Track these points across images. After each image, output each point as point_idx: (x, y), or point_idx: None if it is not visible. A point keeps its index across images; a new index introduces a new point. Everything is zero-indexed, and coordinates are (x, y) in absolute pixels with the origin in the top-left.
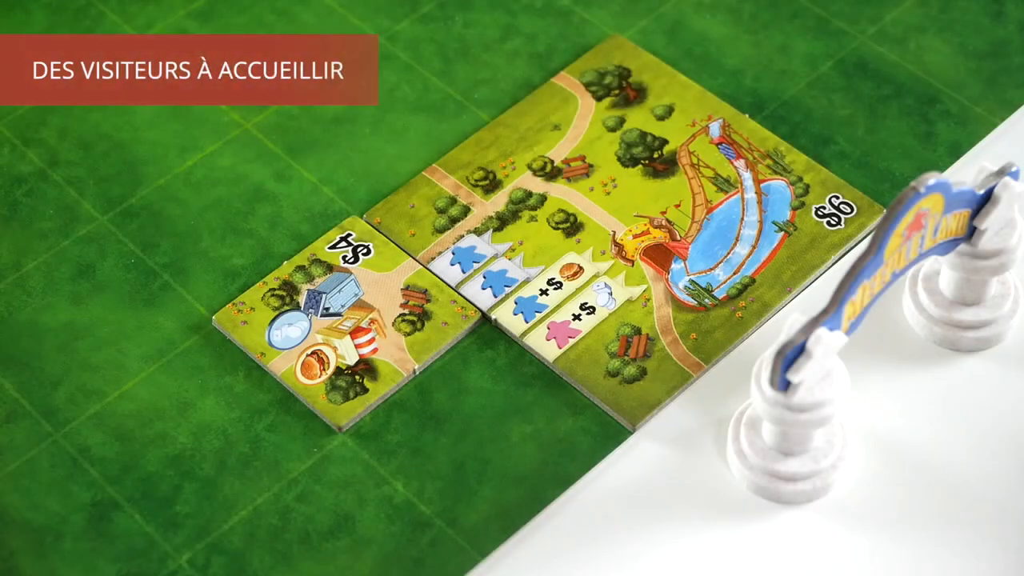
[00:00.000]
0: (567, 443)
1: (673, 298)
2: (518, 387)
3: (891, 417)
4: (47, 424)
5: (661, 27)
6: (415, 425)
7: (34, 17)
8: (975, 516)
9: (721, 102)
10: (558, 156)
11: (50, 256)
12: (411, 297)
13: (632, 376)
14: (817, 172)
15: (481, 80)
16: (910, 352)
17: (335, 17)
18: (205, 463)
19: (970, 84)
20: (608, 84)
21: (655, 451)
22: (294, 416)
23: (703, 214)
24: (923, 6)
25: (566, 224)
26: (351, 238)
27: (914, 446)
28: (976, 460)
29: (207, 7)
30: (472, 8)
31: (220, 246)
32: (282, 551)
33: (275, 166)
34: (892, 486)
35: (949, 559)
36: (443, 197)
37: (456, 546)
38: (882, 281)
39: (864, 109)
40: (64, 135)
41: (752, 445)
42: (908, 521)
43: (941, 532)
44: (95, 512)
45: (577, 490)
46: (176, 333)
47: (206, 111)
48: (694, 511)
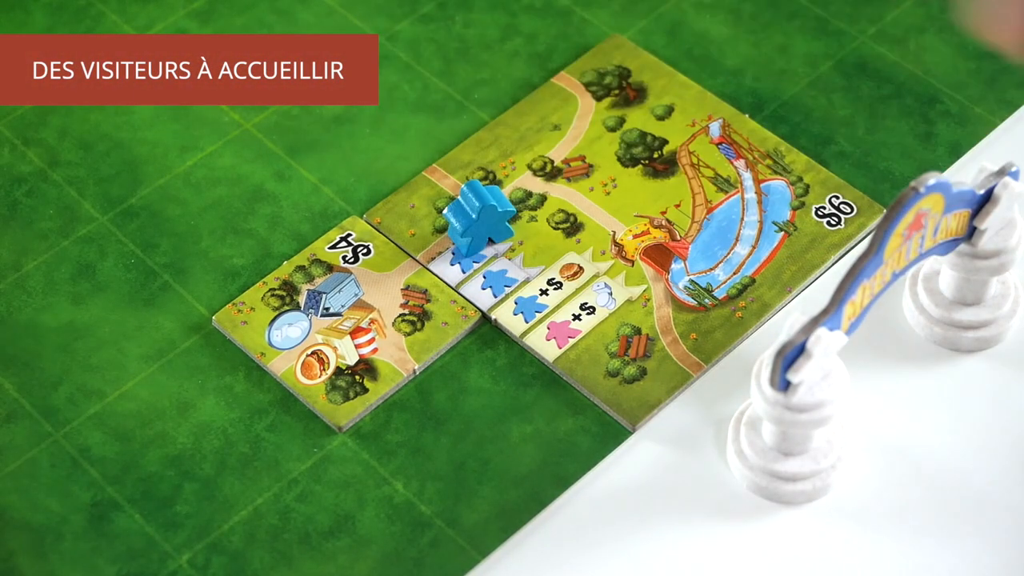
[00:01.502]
0: (567, 443)
1: (673, 298)
2: (518, 387)
3: (891, 417)
4: (47, 424)
5: (661, 27)
6: (415, 425)
7: (34, 17)
8: (975, 516)
9: (721, 102)
10: (558, 156)
11: (50, 256)
12: (411, 297)
13: (632, 376)
14: (817, 172)
15: (481, 80)
16: (910, 352)
17: (335, 17)
18: (205, 463)
19: (970, 84)
20: (608, 84)
21: (655, 451)
22: (294, 416)
23: (703, 214)
24: (923, 6)
25: (566, 224)
26: (351, 238)
27: (914, 446)
28: (976, 460)
29: (207, 7)
30: (472, 8)
31: (220, 246)
32: (282, 551)
33: (275, 166)
34: (892, 486)
35: (949, 559)
36: (443, 197)
37: (456, 546)
38: (882, 281)
39: (864, 109)
40: (64, 135)
41: (752, 445)
42: (908, 521)
43: (941, 532)
44: (95, 512)
45: (577, 490)
46: (176, 333)
47: (206, 111)
48: (694, 511)
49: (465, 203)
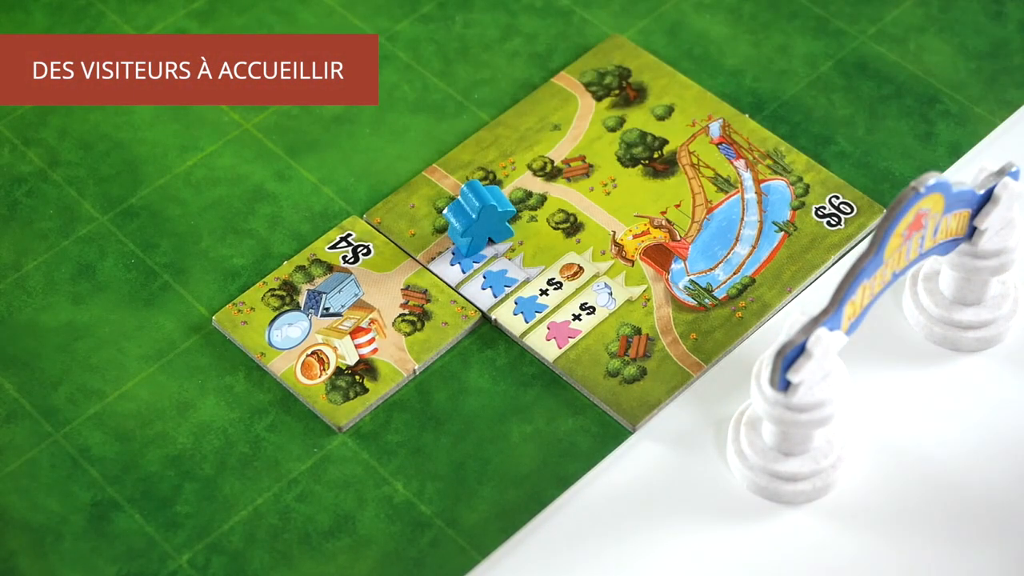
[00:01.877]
0: (567, 443)
1: (673, 298)
2: (518, 387)
3: (891, 417)
4: (47, 424)
5: (661, 27)
6: (415, 425)
7: (34, 17)
8: (975, 516)
9: (721, 102)
10: (558, 156)
11: (50, 256)
12: (411, 297)
13: (632, 376)
14: (817, 172)
15: (481, 80)
16: (910, 352)
17: (335, 17)
18: (205, 463)
19: (970, 84)
20: (608, 84)
21: (655, 451)
22: (294, 416)
23: (703, 214)
24: (923, 6)
25: (566, 224)
26: (351, 238)
27: (914, 446)
28: (976, 460)
29: (207, 7)
30: (472, 8)
31: (220, 246)
32: (282, 551)
33: (275, 166)
34: (892, 486)
35: (949, 559)
36: (443, 197)
37: (456, 546)
38: (882, 281)
39: (864, 109)
40: (64, 135)
41: (752, 445)
42: (908, 521)
43: (941, 532)
44: (95, 512)
45: (577, 490)
46: (176, 333)
47: (206, 111)
48: (694, 511)
49: (465, 203)
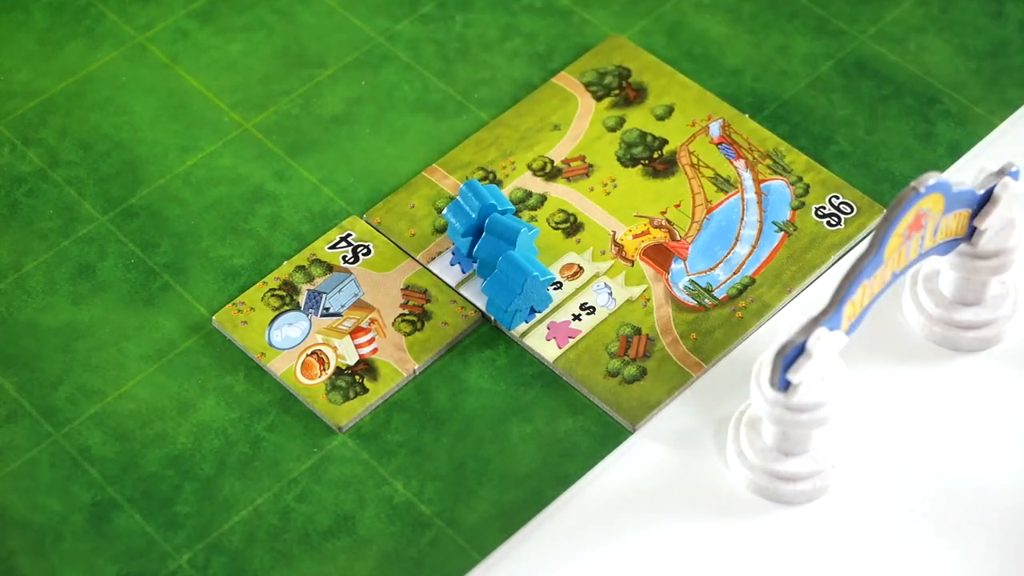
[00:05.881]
0: (567, 443)
1: (673, 298)
2: (518, 387)
3: (891, 417)
4: (47, 424)
5: (661, 27)
6: (415, 425)
7: (34, 17)
8: (975, 516)
9: (721, 102)
10: (558, 156)
11: (50, 256)
12: (411, 297)
13: (632, 376)
14: (817, 172)
15: (481, 80)
16: (910, 352)
17: (335, 17)
18: (205, 463)
19: (970, 84)
20: (608, 84)
21: (655, 451)
22: (294, 416)
23: (703, 214)
24: (923, 6)
25: (566, 224)
26: (351, 238)
27: (914, 446)
28: (976, 460)
29: (207, 7)
30: (472, 8)
31: (220, 246)
32: (282, 551)
33: (275, 166)
34: (892, 486)
35: (949, 559)
36: (443, 197)
37: (456, 546)
38: (882, 281)
39: (864, 109)
40: (64, 135)
41: (752, 445)
42: (907, 521)
43: (941, 532)
44: (95, 512)
45: (577, 490)
46: (176, 333)
47: (206, 111)
48: (694, 511)
49: (465, 203)
